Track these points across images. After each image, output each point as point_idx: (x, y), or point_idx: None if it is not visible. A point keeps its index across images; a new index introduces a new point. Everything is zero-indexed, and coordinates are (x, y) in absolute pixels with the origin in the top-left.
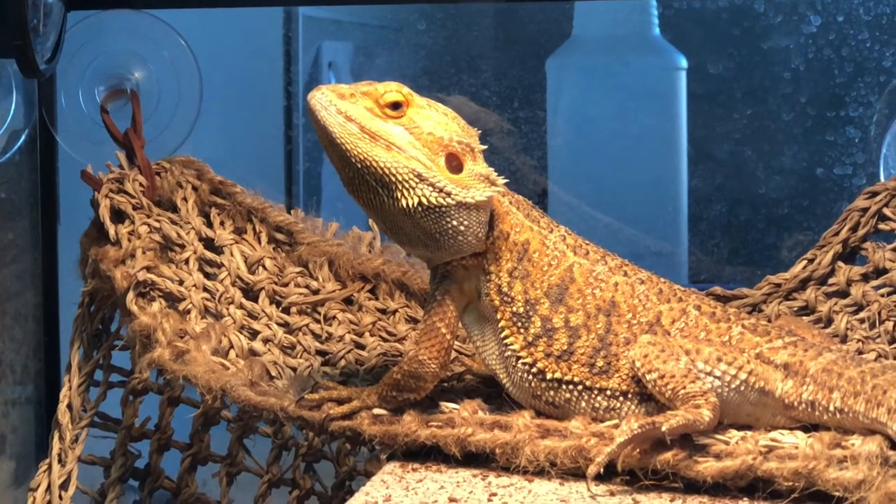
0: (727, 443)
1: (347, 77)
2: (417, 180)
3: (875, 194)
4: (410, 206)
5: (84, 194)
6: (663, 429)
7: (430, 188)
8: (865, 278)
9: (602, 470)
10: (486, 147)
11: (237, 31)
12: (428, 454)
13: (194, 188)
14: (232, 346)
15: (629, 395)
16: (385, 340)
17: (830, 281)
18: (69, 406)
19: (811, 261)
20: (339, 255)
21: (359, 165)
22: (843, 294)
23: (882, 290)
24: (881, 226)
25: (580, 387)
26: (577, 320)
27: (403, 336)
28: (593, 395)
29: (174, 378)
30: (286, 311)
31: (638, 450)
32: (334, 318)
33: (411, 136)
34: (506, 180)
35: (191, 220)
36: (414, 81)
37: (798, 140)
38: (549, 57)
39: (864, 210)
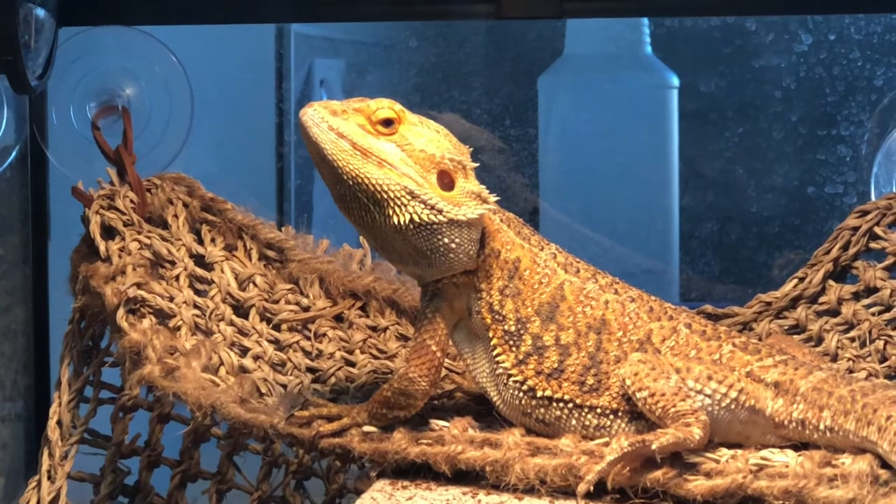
0: (717, 461)
1: (339, 94)
2: (409, 197)
3: (866, 213)
4: (402, 223)
5: (74, 210)
6: (653, 447)
7: (422, 205)
8: (856, 297)
9: (592, 488)
10: (477, 164)
11: (229, 48)
12: (418, 472)
13: (185, 205)
14: (222, 363)
15: (619, 413)
16: (375, 358)
17: (821, 300)
18: (59, 422)
19: (802, 279)
20: (329, 273)
21: (350, 182)
22: (834, 313)
23: (873, 309)
24: (872, 244)
25: (570, 405)
26: (568, 338)
27: (394, 353)
28: (584, 413)
29: (164, 395)
30: (276, 328)
31: (628, 468)
32: (325, 335)
33: (403, 153)
34: (497, 198)
35: (181, 237)
36: (406, 99)
37: (789, 158)
38: (541, 75)
39: (855, 229)
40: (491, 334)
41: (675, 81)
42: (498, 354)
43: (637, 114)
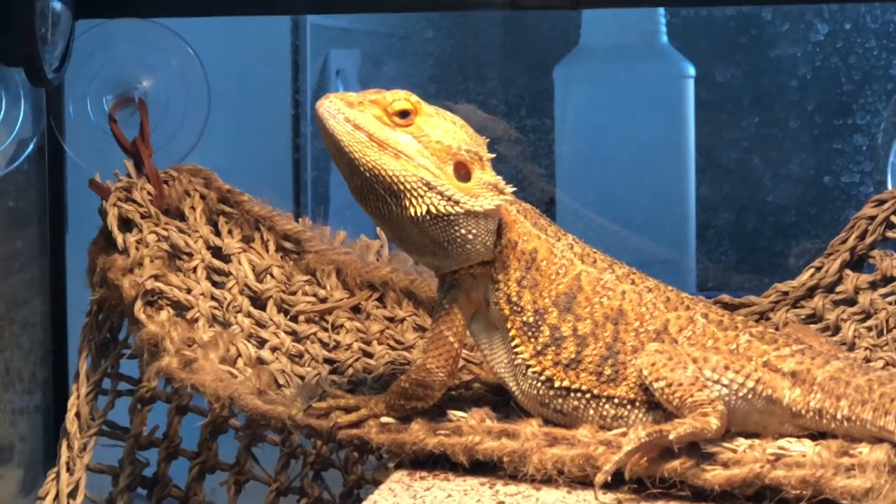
0: (735, 451)
1: (355, 85)
2: (426, 188)
3: (882, 202)
4: (419, 214)
5: (92, 203)
6: (671, 437)
7: (439, 196)
8: (873, 286)
9: (610, 478)
10: (494, 155)
11: (245, 40)
12: (436, 462)
13: (202, 197)
14: (240, 355)
15: (637, 404)
16: (393, 349)
17: (838, 289)
18: (77, 414)
19: (819, 269)
20: (346, 264)
21: (367, 174)
22: (851, 302)
23: (890, 298)
24: (889, 234)
25: (588, 395)
26: (585, 329)
27: (411, 344)
28: (601, 404)
29: (182, 387)
30: (294, 319)
31: (646, 458)
32: (342, 326)
33: (420, 144)
34: (514, 189)
35: (199, 229)
36: (422, 89)
37: (805, 148)
38: (557, 65)
39: (872, 218)
40: (509, 325)
41: (692, 71)
42: (516, 345)
43: (653, 104)
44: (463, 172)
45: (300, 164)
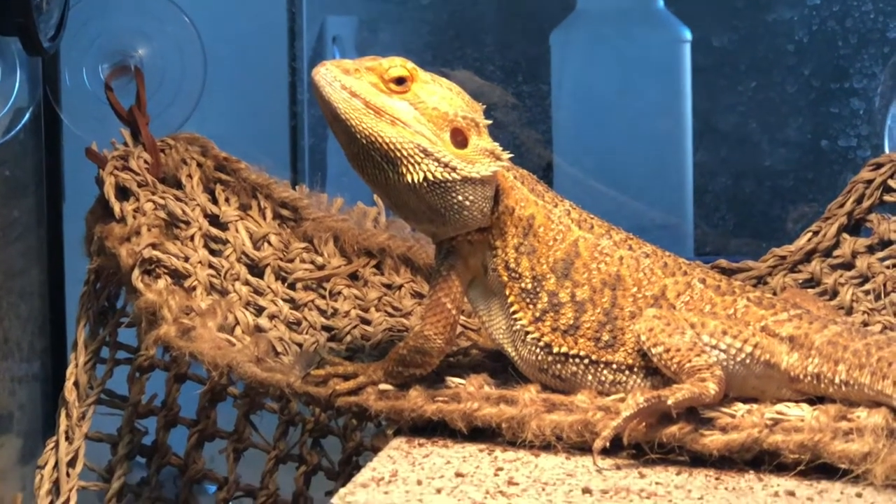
0: (733, 416)
1: (352, 52)
2: (423, 155)
3: (880, 166)
4: (415, 181)
5: (89, 172)
6: (669, 402)
7: (436, 163)
8: (871, 250)
9: (608, 444)
10: (490, 122)
11: (241, 7)
12: (434, 429)
13: (199, 165)
14: (238, 323)
15: (635, 369)
16: (391, 315)
17: (835, 253)
18: (76, 383)
19: (816, 233)
20: (344, 231)
21: (364, 141)
22: (849, 266)
23: (887, 262)
24: (886, 197)
25: (586, 361)
26: (583, 295)
27: (409, 311)
28: (599, 369)
29: (180, 355)
30: (292, 286)
31: (644, 423)
32: (340, 293)
33: (416, 111)
34: (510, 155)
35: (196, 197)
36: (418, 56)
37: (802, 112)
38: (554, 30)
39: (869, 182)
40: (507, 292)
41: (688, 35)
42: (515, 311)
43: (650, 68)
44: (460, 139)
45: (297, 131)
